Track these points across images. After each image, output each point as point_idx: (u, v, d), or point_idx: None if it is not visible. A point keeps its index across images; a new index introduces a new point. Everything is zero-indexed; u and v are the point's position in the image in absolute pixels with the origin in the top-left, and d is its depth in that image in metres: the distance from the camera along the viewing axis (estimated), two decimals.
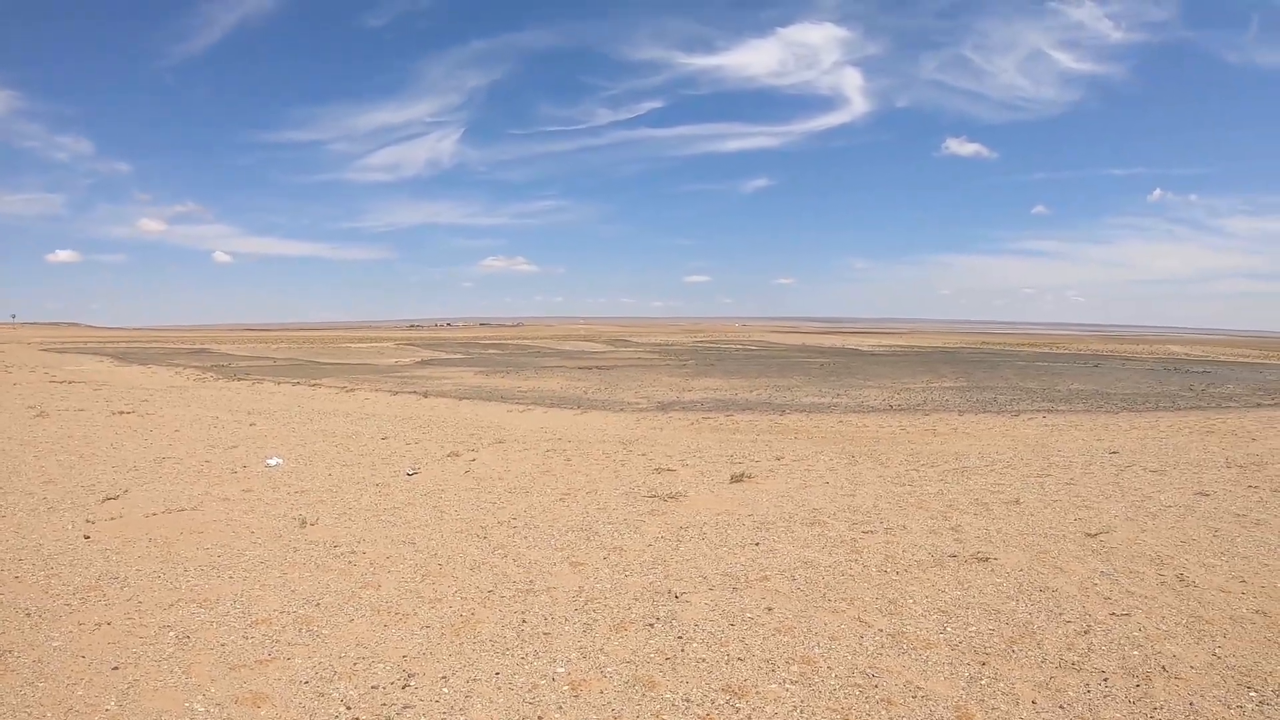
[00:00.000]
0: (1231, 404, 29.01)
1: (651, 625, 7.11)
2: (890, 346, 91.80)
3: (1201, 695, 5.85)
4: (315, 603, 7.64)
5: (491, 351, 73.31)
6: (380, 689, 5.84)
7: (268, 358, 61.73)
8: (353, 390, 32.54)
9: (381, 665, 6.23)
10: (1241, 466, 15.17)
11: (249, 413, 23.65)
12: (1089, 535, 10.14)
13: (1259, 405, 28.70)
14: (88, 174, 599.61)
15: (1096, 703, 5.73)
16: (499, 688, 5.88)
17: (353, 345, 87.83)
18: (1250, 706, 5.72)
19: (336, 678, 6.01)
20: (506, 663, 6.30)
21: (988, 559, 9.11)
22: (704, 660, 6.37)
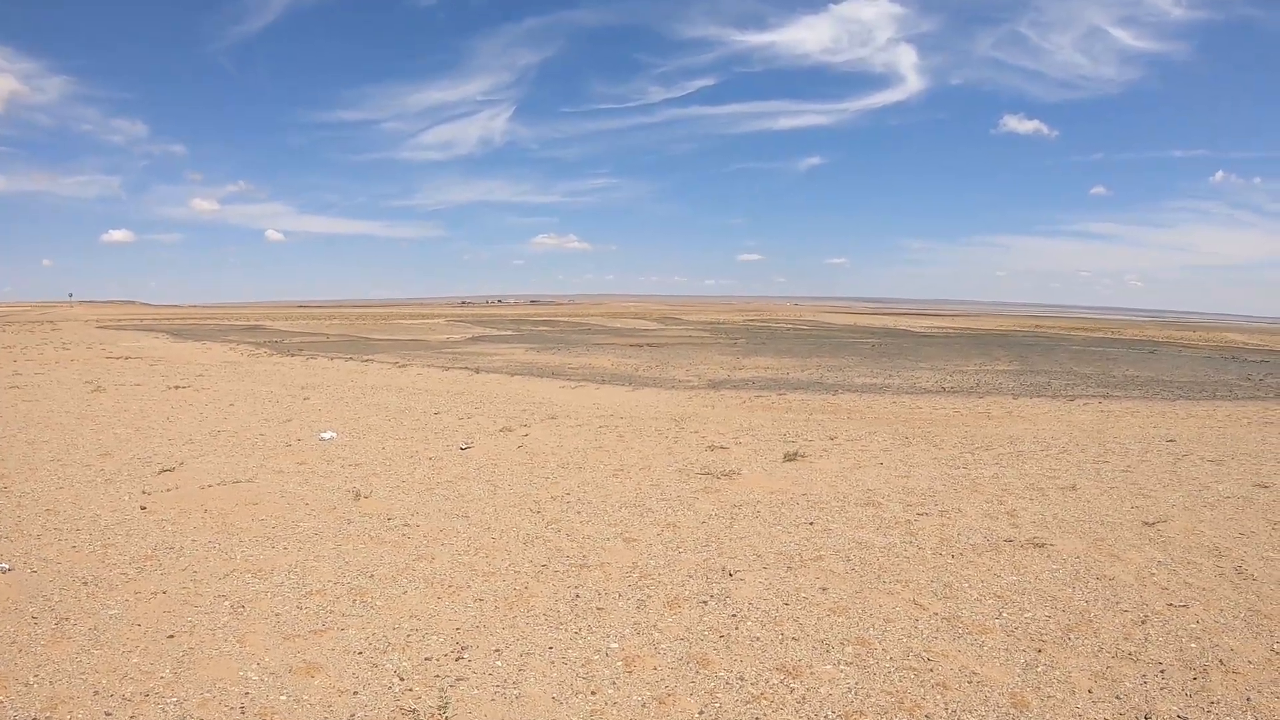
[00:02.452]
0: None
1: (705, 603, 7.07)
2: (943, 328, 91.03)
3: (1259, 690, 5.71)
4: (369, 574, 7.66)
5: (542, 328, 73.54)
6: (434, 661, 5.84)
7: (320, 334, 62.39)
8: (405, 366, 32.73)
9: (435, 637, 6.23)
10: None
11: (302, 387, 23.88)
12: (1146, 524, 9.94)
13: None
14: (143, 156, 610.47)
15: (1153, 694, 5.61)
16: (552, 662, 5.86)
17: (405, 321, 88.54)
18: None
19: (390, 649, 6.02)
20: (560, 637, 6.28)
21: (1044, 545, 8.96)
22: (758, 639, 6.32)
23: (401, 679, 5.55)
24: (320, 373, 29.28)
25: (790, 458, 13.33)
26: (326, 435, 15.00)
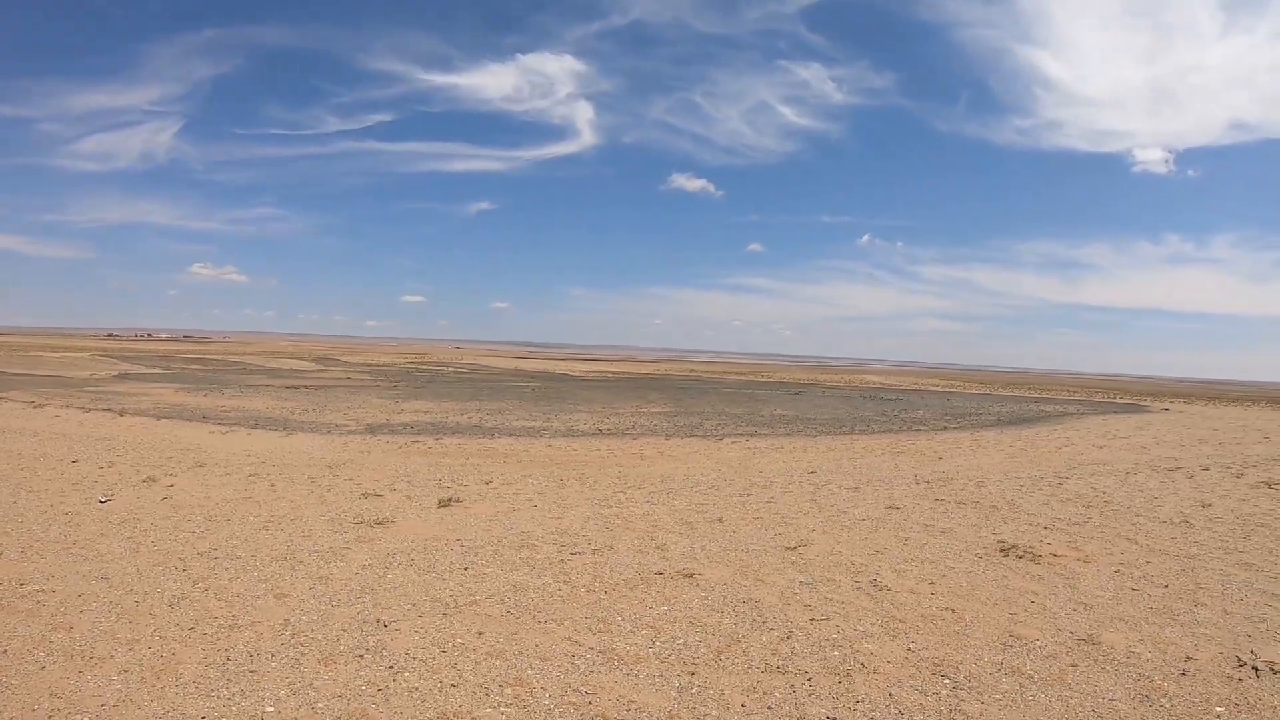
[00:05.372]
0: (920, 427, 31.67)
1: (361, 656, 7.17)
2: (603, 372, 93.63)
3: (899, 686, 6.56)
4: (2, 649, 7.26)
5: (195, 366, 70.23)
6: None
7: None
8: (41, 406, 30.52)
9: (79, 717, 6.02)
10: (929, 482, 16.68)
11: None
12: (789, 549, 10.93)
13: (945, 428, 31.59)
14: None
15: (802, 700, 6.30)
16: None
17: (44, 354, 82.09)
18: (945, 692, 6.49)
19: None
20: (212, 705, 6.21)
21: (693, 575, 9.66)
22: (417, 689, 6.50)
23: None
24: None
25: (445, 503, 13.56)
26: None
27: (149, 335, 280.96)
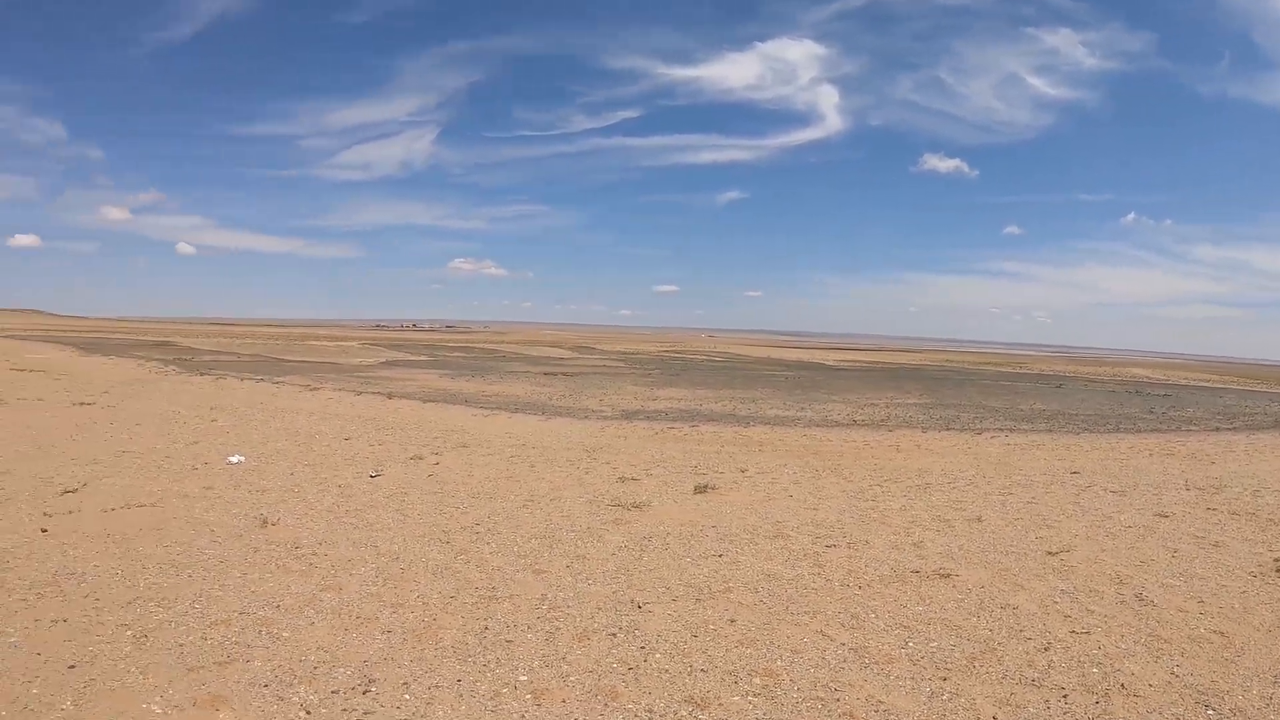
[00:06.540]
0: (1191, 427, 29.32)
1: (614, 635, 7.11)
2: (855, 361, 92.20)
3: (1159, 713, 5.93)
4: (276, 605, 7.58)
5: (457, 355, 72.91)
6: (341, 694, 5.80)
7: (232, 353, 61.17)
8: (316, 389, 32.22)
9: (342, 670, 6.19)
10: (1200, 489, 15.36)
11: (211, 408, 23.44)
12: (1050, 554, 10.23)
13: (1218, 429, 29.04)
14: (58, 159, 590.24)
15: (1056, 719, 5.78)
16: (460, 695, 5.86)
17: (318, 343, 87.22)
18: None
19: (296, 681, 5.97)
20: (468, 670, 6.27)
21: (949, 575, 9.17)
22: (667, 671, 6.38)
23: (308, 713, 5.51)
24: (230, 393, 28.73)
25: (701, 490, 13.44)
26: (234, 459, 14.78)
27: (414, 326, 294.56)
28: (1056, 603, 8.38)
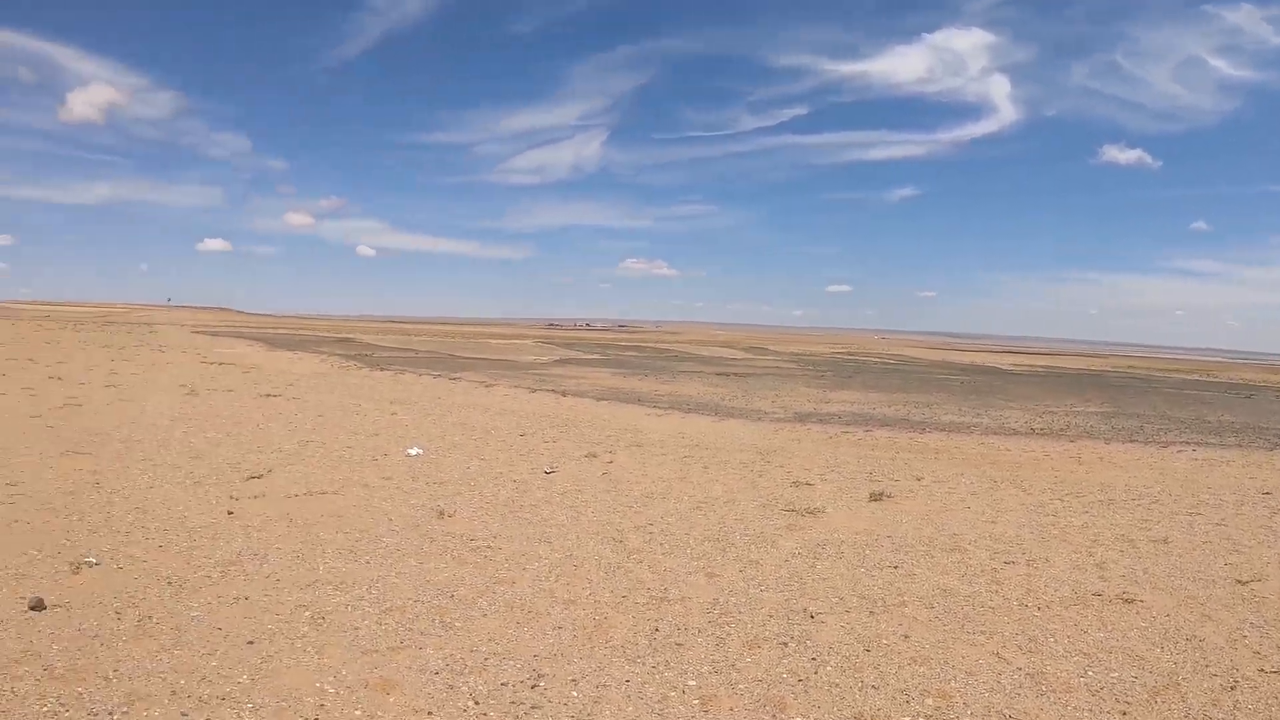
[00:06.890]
0: None
1: (785, 644, 6.95)
2: (1031, 366, 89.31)
3: None
4: (449, 594, 7.68)
5: (629, 353, 73.53)
6: (509, 687, 5.81)
7: (409, 349, 62.99)
8: (492, 385, 32.83)
9: (512, 663, 6.21)
10: None
11: (390, 402, 24.14)
12: (1239, 582, 9.57)
13: None
14: (244, 169, 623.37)
15: None
16: (628, 696, 5.80)
17: (492, 341, 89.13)
18: None
19: (467, 671, 6.02)
20: (637, 671, 6.22)
21: (1133, 600, 8.67)
22: (837, 685, 6.19)
23: (477, 703, 5.52)
24: (408, 388, 29.58)
25: (876, 497, 13.12)
26: (413, 451, 15.12)
27: (586, 325, 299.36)
28: (1245, 636, 7.79)
